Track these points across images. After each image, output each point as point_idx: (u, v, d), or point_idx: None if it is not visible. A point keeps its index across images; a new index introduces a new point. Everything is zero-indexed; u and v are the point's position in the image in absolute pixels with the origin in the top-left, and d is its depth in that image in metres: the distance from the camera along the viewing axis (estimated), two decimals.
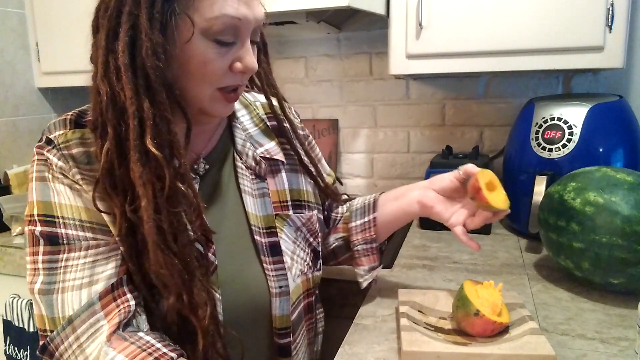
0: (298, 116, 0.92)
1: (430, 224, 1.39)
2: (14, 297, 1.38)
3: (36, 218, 0.63)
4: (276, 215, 0.78)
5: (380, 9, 1.30)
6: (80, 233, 0.63)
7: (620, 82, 1.43)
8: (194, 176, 0.72)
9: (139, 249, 0.62)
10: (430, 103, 1.64)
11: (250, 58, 0.65)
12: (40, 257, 0.62)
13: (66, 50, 1.68)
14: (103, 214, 0.63)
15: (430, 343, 0.74)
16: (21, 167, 1.66)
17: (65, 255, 0.62)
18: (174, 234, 0.61)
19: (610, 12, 1.13)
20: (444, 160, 1.41)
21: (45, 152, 0.64)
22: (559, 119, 1.21)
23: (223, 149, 0.78)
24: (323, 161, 0.94)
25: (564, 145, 1.18)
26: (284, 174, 0.81)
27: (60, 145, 0.64)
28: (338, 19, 1.60)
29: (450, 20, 1.24)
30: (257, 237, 0.75)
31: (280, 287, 0.75)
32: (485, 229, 1.34)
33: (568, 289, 0.97)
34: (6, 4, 1.67)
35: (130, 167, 0.59)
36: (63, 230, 0.62)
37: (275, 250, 0.76)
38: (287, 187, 0.80)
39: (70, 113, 0.68)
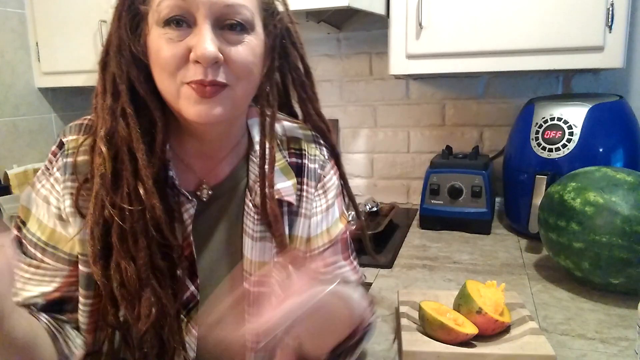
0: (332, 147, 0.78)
1: (430, 223, 1.39)
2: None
3: (18, 220, 0.66)
4: (277, 262, 0.70)
5: (380, 9, 1.31)
6: (32, 250, 0.65)
7: (620, 82, 1.43)
8: (190, 198, 0.66)
9: (108, 252, 0.62)
10: (430, 103, 1.64)
11: (202, 43, 0.56)
12: None
13: (66, 50, 1.68)
14: (70, 230, 0.64)
15: (430, 343, 0.74)
16: (21, 167, 1.66)
17: (16, 262, 0.65)
18: (134, 236, 0.61)
19: (610, 12, 1.13)
20: (444, 160, 1.42)
21: (52, 163, 0.65)
22: (559, 119, 1.21)
23: (235, 181, 0.71)
24: (335, 207, 0.76)
25: (564, 145, 1.18)
26: (293, 217, 0.72)
27: (69, 151, 0.64)
28: (338, 19, 1.60)
29: (450, 20, 1.24)
30: (245, 284, 0.70)
31: (258, 342, 0.66)
32: (485, 229, 1.34)
33: (568, 289, 0.97)
34: (6, 4, 1.67)
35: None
36: (24, 241, 0.65)
37: (262, 301, 0.70)
38: (288, 232, 0.71)
39: (89, 117, 0.67)
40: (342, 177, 0.78)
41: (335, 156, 0.77)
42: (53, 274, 0.65)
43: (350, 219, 0.78)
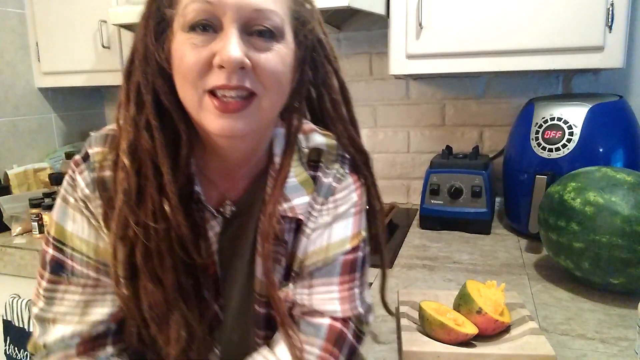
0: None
1: (430, 223, 1.39)
2: (14, 297, 1.38)
3: (51, 240, 0.63)
4: (283, 283, 0.66)
5: (380, 9, 1.31)
6: (84, 270, 0.62)
7: (620, 82, 1.43)
8: (215, 215, 0.64)
9: (135, 274, 0.59)
10: (430, 103, 1.64)
11: (227, 46, 0.52)
12: (44, 284, 0.62)
13: (66, 50, 1.68)
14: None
15: (430, 343, 0.74)
16: (21, 167, 1.66)
17: (65, 287, 0.62)
18: (160, 255, 0.58)
19: (610, 12, 1.13)
20: (444, 160, 1.42)
21: (76, 174, 0.62)
22: (559, 119, 1.21)
23: (253, 196, 0.67)
24: (344, 224, 0.67)
25: (564, 145, 1.18)
26: (298, 236, 0.66)
27: (95, 165, 0.61)
28: (338, 19, 1.60)
29: (450, 20, 1.24)
30: (255, 306, 0.66)
31: None
32: (485, 229, 1.34)
33: (568, 289, 0.97)
34: (6, 4, 1.67)
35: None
36: (70, 262, 0.62)
37: (270, 323, 0.66)
38: (289, 250, 0.67)
39: (114, 128, 0.63)
40: (370, 199, 0.70)
41: (367, 186, 0.70)
42: (111, 291, 0.62)
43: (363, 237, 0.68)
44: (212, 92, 0.55)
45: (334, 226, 0.66)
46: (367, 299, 0.67)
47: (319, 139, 0.68)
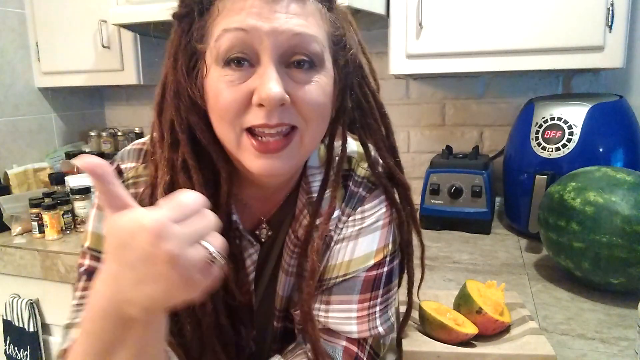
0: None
1: (430, 223, 1.39)
2: (14, 297, 1.38)
3: (87, 250, 0.60)
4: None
5: (380, 9, 1.31)
6: None
7: (620, 82, 1.43)
8: (254, 243, 0.62)
9: (175, 312, 0.56)
10: (430, 103, 1.64)
11: (266, 84, 0.49)
12: (77, 294, 0.59)
13: (66, 50, 1.68)
14: None
15: (430, 343, 0.73)
16: (21, 167, 1.66)
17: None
18: (201, 300, 0.56)
19: (610, 12, 1.13)
20: (444, 160, 1.41)
21: None
22: (559, 119, 1.21)
23: (285, 212, 0.65)
24: (371, 238, 0.63)
25: (564, 145, 1.18)
26: (327, 250, 0.63)
27: (129, 182, 0.59)
28: None
29: (451, 20, 1.24)
30: (274, 322, 0.65)
31: None
32: (485, 229, 1.34)
33: (568, 289, 0.97)
34: (6, 4, 1.67)
35: None
36: None
37: (285, 336, 0.65)
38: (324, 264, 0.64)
39: (146, 142, 0.61)
40: (404, 235, 0.66)
41: (401, 221, 0.65)
42: None
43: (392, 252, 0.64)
44: (251, 130, 0.52)
45: (359, 240, 0.62)
46: (391, 317, 0.64)
47: (350, 145, 0.65)
